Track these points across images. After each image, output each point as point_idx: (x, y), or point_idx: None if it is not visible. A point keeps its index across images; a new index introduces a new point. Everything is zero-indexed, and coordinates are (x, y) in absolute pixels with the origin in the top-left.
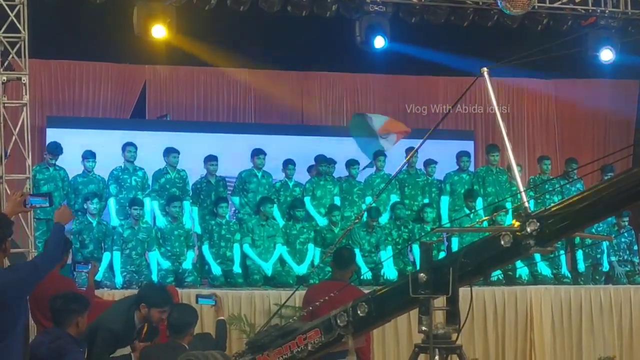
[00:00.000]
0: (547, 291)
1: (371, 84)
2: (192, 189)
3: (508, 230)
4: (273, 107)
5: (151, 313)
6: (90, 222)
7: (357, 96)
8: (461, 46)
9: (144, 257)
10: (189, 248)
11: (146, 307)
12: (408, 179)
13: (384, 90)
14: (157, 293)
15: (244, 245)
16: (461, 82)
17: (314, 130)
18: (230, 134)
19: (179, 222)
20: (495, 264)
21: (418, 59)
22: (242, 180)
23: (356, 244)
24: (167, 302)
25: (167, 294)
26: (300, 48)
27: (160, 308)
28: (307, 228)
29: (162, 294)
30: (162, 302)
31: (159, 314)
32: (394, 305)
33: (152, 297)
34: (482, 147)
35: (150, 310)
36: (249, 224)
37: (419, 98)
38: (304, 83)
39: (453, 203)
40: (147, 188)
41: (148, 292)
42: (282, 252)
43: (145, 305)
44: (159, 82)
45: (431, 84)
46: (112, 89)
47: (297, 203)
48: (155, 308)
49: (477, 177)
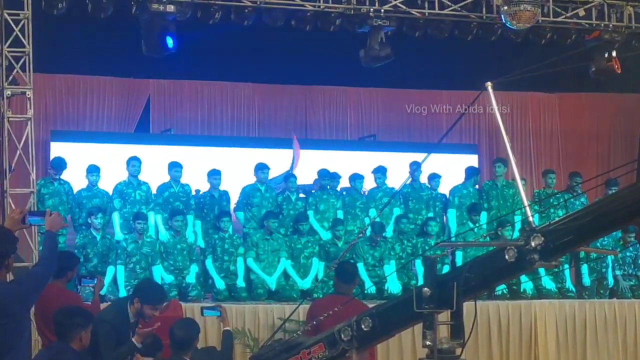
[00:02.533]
0: (551, 305)
1: (375, 97)
2: (196, 203)
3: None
4: (277, 121)
5: (144, 309)
6: (95, 237)
7: (361, 110)
8: (465, 60)
9: (148, 271)
10: (192, 262)
11: (139, 303)
12: (412, 192)
13: (387, 104)
14: (152, 290)
15: (248, 259)
16: (465, 96)
17: (318, 144)
18: (233, 147)
19: (181, 236)
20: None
21: (422, 72)
22: (246, 194)
23: (360, 258)
24: (160, 300)
25: (163, 293)
26: (303, 62)
27: (153, 306)
28: (311, 242)
29: (157, 292)
30: (156, 300)
31: (151, 311)
32: (398, 319)
33: (146, 294)
34: (487, 160)
35: (143, 306)
36: (254, 238)
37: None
38: (308, 97)
39: (460, 217)
40: (151, 202)
41: (143, 288)
42: (286, 266)
43: (139, 300)
44: (163, 96)
45: (435, 98)
46: (116, 103)
47: (301, 217)
48: (148, 305)
49: (482, 192)
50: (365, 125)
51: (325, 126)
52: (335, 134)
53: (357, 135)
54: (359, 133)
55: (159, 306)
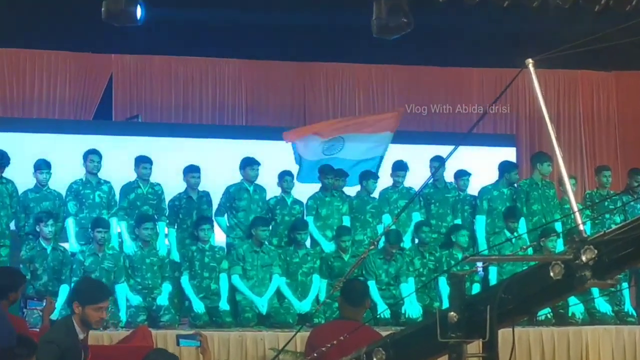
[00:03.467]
0: (606, 332)
1: (389, 77)
2: (169, 206)
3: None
4: (269, 106)
5: (86, 312)
6: (44, 248)
7: (371, 92)
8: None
9: None
10: (165, 279)
11: (80, 306)
12: (435, 194)
13: (404, 84)
14: (89, 287)
15: (233, 276)
16: (500, 76)
17: None
18: (216, 138)
19: (151, 247)
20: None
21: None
22: (231, 196)
23: (371, 274)
24: (102, 296)
25: (104, 287)
26: (302, 33)
27: (96, 304)
28: (310, 255)
29: (96, 287)
30: (97, 296)
31: (96, 312)
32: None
33: (84, 292)
34: (526, 154)
35: (84, 308)
36: (239, 250)
37: (447, 94)
38: (308, 76)
39: (492, 224)
40: (114, 206)
41: (79, 288)
42: (280, 285)
43: (78, 303)
44: (129, 74)
45: (462, 77)
46: (71, 83)
47: (299, 224)
48: (90, 305)
49: (519, 193)
50: (378, 111)
51: (328, 112)
52: None
53: None
54: None
55: (102, 304)
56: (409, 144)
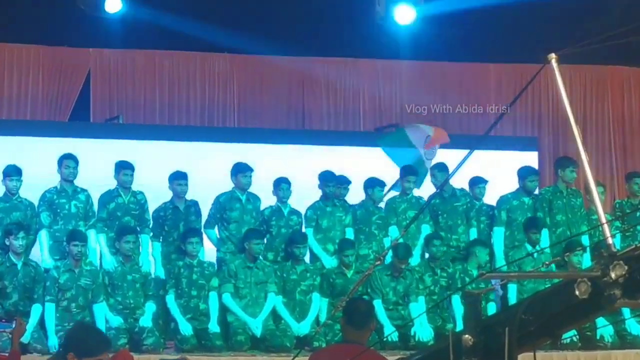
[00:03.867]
0: (639, 357)
1: (398, 73)
2: (154, 217)
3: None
4: (264, 106)
5: None
6: (14, 263)
7: (378, 90)
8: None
9: (87, 310)
10: (148, 298)
11: (75, 358)
12: (441, 204)
13: (415, 82)
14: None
15: (224, 295)
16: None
17: (319, 137)
18: (205, 142)
19: (133, 263)
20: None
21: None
22: (221, 206)
23: (377, 293)
24: (101, 349)
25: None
26: (300, 25)
27: (95, 357)
28: (310, 271)
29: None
30: (95, 349)
31: None
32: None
33: (80, 344)
34: (549, 159)
35: None
36: (231, 266)
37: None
38: (306, 72)
39: (511, 237)
40: (92, 217)
41: (75, 337)
42: (276, 304)
43: (73, 355)
44: (108, 71)
45: (480, 73)
46: (44, 80)
47: (297, 237)
48: (88, 358)
49: (541, 202)
50: (385, 111)
51: (329, 112)
52: (344, 123)
53: (372, 125)
54: (375, 122)
55: (102, 356)
56: None
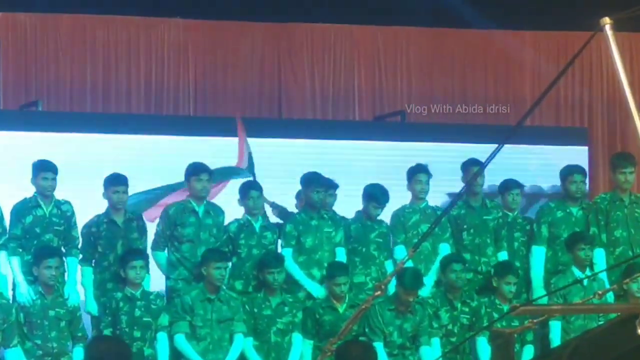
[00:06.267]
0: None
1: (403, 44)
2: (83, 234)
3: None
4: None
5: None
6: None
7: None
8: None
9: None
10: (77, 341)
11: None
12: (468, 216)
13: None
14: None
15: (177, 337)
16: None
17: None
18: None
19: (57, 294)
20: None
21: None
22: (171, 220)
23: (378, 333)
24: None
25: None
26: None
27: None
28: (288, 305)
29: None
30: None
31: None
32: None
33: None
34: (604, 156)
35: None
36: (186, 299)
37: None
38: (284, 43)
39: (554, 259)
40: (2, 234)
41: None
42: (244, 349)
43: None
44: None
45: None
46: None
47: (271, 260)
48: None
49: (595, 212)
50: (386, 95)
51: (314, 95)
52: (333, 109)
53: (371, 112)
54: (374, 108)
55: None
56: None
